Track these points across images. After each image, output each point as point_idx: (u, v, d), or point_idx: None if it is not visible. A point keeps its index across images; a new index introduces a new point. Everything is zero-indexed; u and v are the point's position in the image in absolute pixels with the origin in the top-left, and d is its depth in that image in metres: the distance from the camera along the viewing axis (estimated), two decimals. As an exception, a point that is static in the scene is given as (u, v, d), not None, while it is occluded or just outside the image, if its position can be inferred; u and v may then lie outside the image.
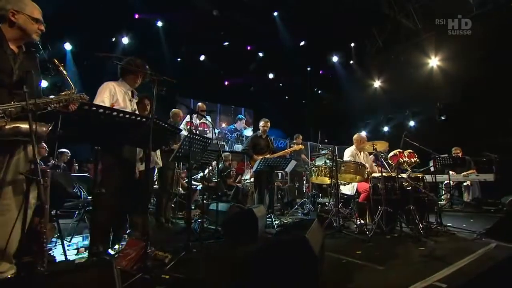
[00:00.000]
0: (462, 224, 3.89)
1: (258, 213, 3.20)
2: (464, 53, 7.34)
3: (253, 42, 8.80)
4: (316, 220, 2.04)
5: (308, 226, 1.72)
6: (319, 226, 2.08)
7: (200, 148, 3.04)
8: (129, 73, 2.63)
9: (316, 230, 1.83)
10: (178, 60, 8.44)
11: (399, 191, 3.32)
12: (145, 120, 1.87)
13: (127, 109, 2.54)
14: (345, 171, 3.37)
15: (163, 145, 2.75)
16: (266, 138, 4.66)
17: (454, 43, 7.50)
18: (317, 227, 1.91)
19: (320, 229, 2.08)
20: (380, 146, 3.44)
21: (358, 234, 3.16)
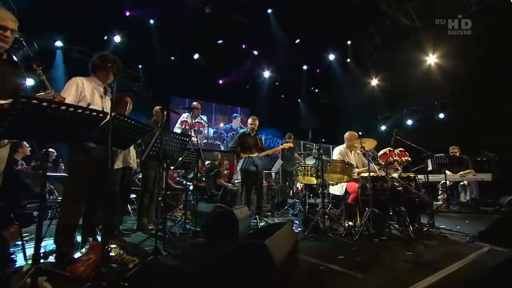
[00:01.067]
0: (457, 226, 3.70)
1: (239, 215, 3.04)
2: (463, 50, 7.14)
3: (247, 40, 8.63)
4: (289, 224, 1.88)
5: (274, 231, 1.55)
6: (290, 231, 1.92)
7: (177, 147, 2.89)
8: (100, 68, 2.49)
9: (284, 235, 1.66)
10: (172, 58, 8.29)
11: (389, 191, 3.14)
12: (101, 116, 1.71)
13: (95, 105, 2.39)
14: (331, 170, 3.20)
15: (132, 143, 2.60)
16: (255, 136, 4.50)
17: (453, 40, 7.29)
18: (286, 232, 1.75)
19: (291, 233, 1.91)
20: (368, 144, 3.26)
21: (345, 237, 2.98)
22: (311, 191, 4.97)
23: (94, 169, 2.31)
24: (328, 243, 2.86)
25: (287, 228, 1.81)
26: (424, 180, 4.53)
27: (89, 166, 2.31)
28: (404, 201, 3.24)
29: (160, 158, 2.74)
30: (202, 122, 9.92)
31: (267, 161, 3.69)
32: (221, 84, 9.89)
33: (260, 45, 8.82)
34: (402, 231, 3.11)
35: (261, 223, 3.81)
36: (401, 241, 2.83)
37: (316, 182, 3.51)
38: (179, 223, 3.62)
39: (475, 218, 4.45)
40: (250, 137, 4.42)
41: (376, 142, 3.34)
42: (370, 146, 3.36)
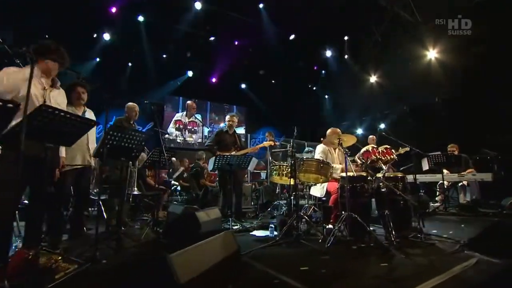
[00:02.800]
0: (450, 231, 3.34)
1: (204, 217, 2.78)
2: (464, 44, 6.69)
3: (240, 36, 8.35)
4: (225, 232, 1.60)
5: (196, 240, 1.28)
6: (224, 240, 1.63)
7: (135, 144, 2.65)
8: (41, 57, 2.25)
9: (212, 246, 1.38)
10: (163, 56, 8.08)
11: (370, 193, 2.81)
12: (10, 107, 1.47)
13: (34, 97, 2.16)
14: (305, 170, 2.89)
15: (76, 139, 2.36)
16: (234, 134, 4.23)
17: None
18: (216, 242, 1.47)
19: (226, 243, 1.61)
20: (347, 140, 2.94)
21: (321, 243, 2.68)
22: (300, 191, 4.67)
23: (27, 168, 2.07)
24: (298, 250, 2.56)
25: (222, 237, 1.53)
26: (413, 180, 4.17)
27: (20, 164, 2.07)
28: (389, 204, 2.92)
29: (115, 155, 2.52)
30: (197, 121, 9.74)
31: (242, 160, 3.41)
32: (216, 82, 9.65)
33: (253, 41, 8.52)
34: (386, 237, 2.79)
35: (236, 226, 3.54)
36: (381, 249, 2.51)
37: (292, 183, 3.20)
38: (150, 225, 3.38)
39: (473, 222, 4.07)
40: (228, 134, 4.16)
41: (356, 138, 3.01)
42: (349, 143, 3.03)
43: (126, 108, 3.69)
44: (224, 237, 1.60)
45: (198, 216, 2.68)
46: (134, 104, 3.67)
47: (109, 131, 2.36)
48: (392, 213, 2.95)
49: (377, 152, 2.99)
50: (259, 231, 3.44)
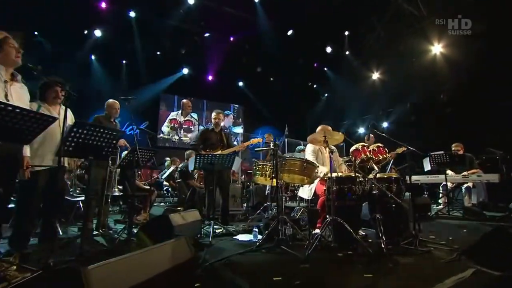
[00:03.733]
0: (450, 236, 3.11)
1: (178, 220, 2.62)
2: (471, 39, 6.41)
3: (236, 32, 8.20)
4: (177, 239, 1.42)
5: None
6: (175, 248, 1.45)
7: (105, 142, 2.50)
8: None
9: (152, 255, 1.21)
10: (158, 53, 7.97)
11: (357, 195, 2.61)
12: None
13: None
14: (288, 170, 2.70)
15: (34, 137, 2.22)
16: (220, 132, 4.06)
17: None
18: (161, 250, 1.30)
19: (177, 251, 1.43)
20: (334, 137, 2.73)
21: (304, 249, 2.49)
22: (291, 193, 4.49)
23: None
24: (277, 257, 2.38)
25: (170, 245, 1.36)
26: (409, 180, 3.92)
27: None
28: (380, 207, 2.71)
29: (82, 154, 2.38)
30: (193, 120, 9.61)
31: (224, 159, 3.24)
32: (212, 80, 9.51)
33: (250, 37, 8.35)
34: (377, 243, 2.59)
35: (219, 230, 3.37)
36: (368, 257, 2.30)
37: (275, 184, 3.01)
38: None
39: (477, 226, 3.82)
40: (213, 133, 3.99)
41: (343, 136, 2.81)
42: (336, 141, 2.83)
43: (106, 105, 3.55)
44: (174, 244, 1.43)
45: (172, 219, 2.52)
46: (115, 101, 3.53)
47: (72, 128, 2.21)
48: (385, 217, 2.75)
49: (367, 150, 2.78)
50: (244, 235, 3.27)
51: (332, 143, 2.83)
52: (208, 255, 2.47)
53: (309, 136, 2.71)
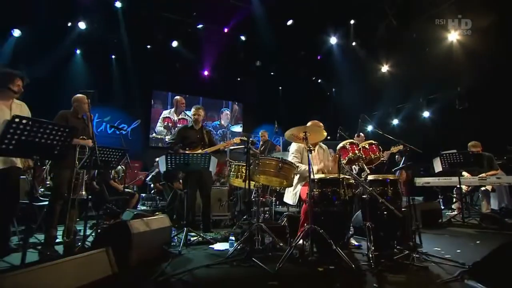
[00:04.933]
0: (459, 248, 2.82)
1: (140, 228, 2.45)
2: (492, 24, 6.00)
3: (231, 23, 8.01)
4: (95, 252, 1.23)
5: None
6: (89, 262, 1.26)
7: (57, 139, 2.35)
8: None
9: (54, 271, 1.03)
10: (148, 47, 7.88)
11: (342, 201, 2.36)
12: None
13: None
14: (262, 171, 2.48)
15: None
16: (201, 130, 3.89)
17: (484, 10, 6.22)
18: (69, 265, 1.11)
19: (92, 267, 1.24)
20: (315, 134, 2.48)
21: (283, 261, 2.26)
22: (278, 197, 4.26)
23: None
24: (246, 271, 2.17)
25: (84, 258, 1.17)
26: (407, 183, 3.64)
27: None
28: (372, 214, 2.46)
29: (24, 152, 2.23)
30: (187, 118, 9.49)
31: (199, 159, 3.05)
32: (208, 75, 9.36)
33: (247, 28, 8.14)
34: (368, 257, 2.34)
35: (194, 238, 3.18)
36: (351, 274, 2.06)
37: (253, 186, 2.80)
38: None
39: (494, 237, 3.50)
40: (193, 130, 3.83)
41: (325, 134, 2.56)
42: (317, 138, 2.59)
43: (73, 100, 3.39)
44: (91, 257, 1.24)
45: (131, 226, 2.34)
46: (84, 95, 3.37)
47: (10, 124, 2.07)
48: (379, 226, 2.50)
49: (357, 148, 2.52)
50: (221, 243, 3.08)
51: (314, 141, 2.58)
52: (170, 267, 2.29)
53: (286, 132, 2.47)
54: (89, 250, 1.36)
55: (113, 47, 7.29)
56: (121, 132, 3.86)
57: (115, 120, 7.92)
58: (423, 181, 4.84)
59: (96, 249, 1.35)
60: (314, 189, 2.42)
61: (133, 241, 2.31)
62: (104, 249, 1.43)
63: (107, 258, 1.38)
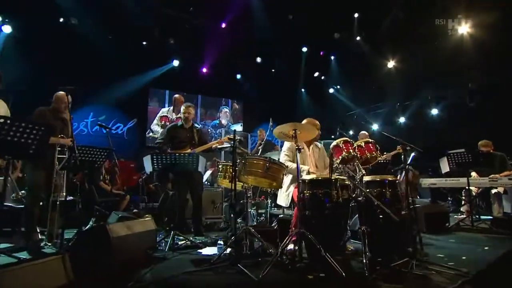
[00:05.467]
0: (464, 255, 2.69)
1: (120, 231, 2.38)
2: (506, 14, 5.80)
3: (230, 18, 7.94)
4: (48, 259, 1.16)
5: None
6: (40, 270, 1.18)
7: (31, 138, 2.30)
8: None
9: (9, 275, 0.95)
10: (143, 44, 7.85)
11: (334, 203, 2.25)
12: None
13: None
14: (249, 171, 2.38)
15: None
16: (191, 129, 3.82)
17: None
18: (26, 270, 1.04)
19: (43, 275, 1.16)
20: (306, 132, 2.38)
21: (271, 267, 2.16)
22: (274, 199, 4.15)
23: None
24: (228, 278, 2.09)
25: (37, 266, 1.10)
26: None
27: None
28: (367, 218, 2.35)
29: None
30: (185, 117, 9.48)
31: (187, 158, 2.97)
32: (207, 73, 9.30)
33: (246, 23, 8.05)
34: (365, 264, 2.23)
35: (182, 242, 3.11)
36: (342, 282, 1.95)
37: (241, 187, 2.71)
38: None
39: (504, 243, 3.34)
40: (182, 129, 3.76)
41: (317, 132, 2.46)
42: (308, 136, 2.48)
43: (54, 98, 3.33)
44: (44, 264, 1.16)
45: (110, 230, 2.27)
46: (64, 93, 3.32)
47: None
48: (376, 231, 2.39)
49: (351, 147, 2.41)
50: (211, 248, 3.00)
51: (305, 139, 2.48)
52: (151, 273, 2.22)
53: (275, 129, 2.38)
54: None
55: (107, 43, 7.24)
56: (107, 130, 3.78)
57: (110, 119, 7.91)
58: (428, 182, 4.69)
59: (52, 256, 1.28)
60: (305, 191, 2.31)
61: (112, 245, 2.24)
62: (61, 255, 1.36)
63: (63, 266, 1.30)
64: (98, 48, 6.94)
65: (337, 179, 2.36)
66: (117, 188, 4.93)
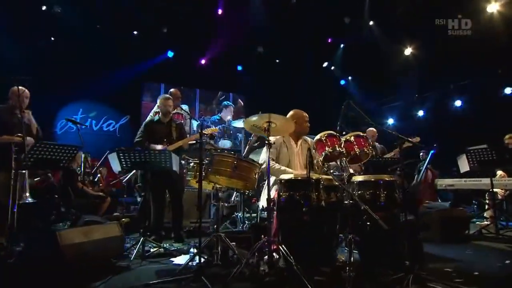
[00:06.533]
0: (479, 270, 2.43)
1: (74, 238, 2.29)
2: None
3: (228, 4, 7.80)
4: None
5: None
6: None
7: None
8: None
9: None
10: (134, 33, 7.82)
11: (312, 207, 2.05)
12: None
13: None
14: (217, 170, 2.21)
15: None
16: (170, 124, 3.70)
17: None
18: None
19: None
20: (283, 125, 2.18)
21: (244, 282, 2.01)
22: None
23: None
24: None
25: None
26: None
27: None
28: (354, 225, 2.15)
29: None
30: (183, 113, 9.37)
31: (157, 156, 2.85)
32: (205, 65, 9.20)
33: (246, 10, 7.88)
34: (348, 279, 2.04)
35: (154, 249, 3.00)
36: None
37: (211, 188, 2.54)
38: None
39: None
40: (160, 124, 3.65)
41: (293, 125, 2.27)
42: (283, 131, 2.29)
43: (10, 93, 3.25)
44: None
45: (60, 237, 2.17)
46: (23, 88, 3.23)
47: None
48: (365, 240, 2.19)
49: (337, 142, 2.20)
50: (185, 256, 2.87)
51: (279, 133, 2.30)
52: (105, 286, 2.11)
53: (246, 121, 2.20)
54: None
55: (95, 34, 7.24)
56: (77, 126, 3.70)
57: (102, 116, 7.95)
58: (445, 183, 4.39)
59: None
60: (281, 193, 2.13)
61: (63, 254, 2.14)
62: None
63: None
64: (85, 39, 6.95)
65: (319, 179, 2.16)
66: (101, 190, 4.90)
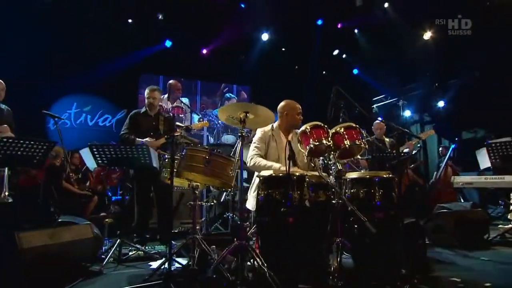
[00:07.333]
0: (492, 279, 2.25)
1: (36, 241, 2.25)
2: None
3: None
4: None
5: None
6: None
7: None
8: None
9: None
10: (129, 22, 7.79)
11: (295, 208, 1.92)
12: None
13: None
14: (190, 166, 2.10)
15: None
16: (157, 116, 3.65)
17: None
18: None
19: None
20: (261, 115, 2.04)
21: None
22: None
23: None
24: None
25: None
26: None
27: None
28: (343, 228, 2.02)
29: None
30: (183, 106, 9.33)
31: (134, 152, 2.77)
32: (206, 55, 9.10)
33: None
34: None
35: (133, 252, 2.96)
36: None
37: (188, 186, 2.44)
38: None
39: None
40: (146, 117, 3.61)
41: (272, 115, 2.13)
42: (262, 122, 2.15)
43: None
44: None
45: (20, 239, 2.13)
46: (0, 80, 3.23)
47: None
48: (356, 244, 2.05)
49: (324, 134, 2.05)
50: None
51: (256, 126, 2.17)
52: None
53: (220, 111, 2.08)
54: None
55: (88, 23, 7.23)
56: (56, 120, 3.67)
57: (97, 110, 8.00)
58: (462, 181, 4.14)
59: None
60: (259, 191, 2.02)
61: (23, 258, 2.10)
62: None
63: None
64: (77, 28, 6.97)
65: (303, 176, 2.03)
66: (89, 188, 4.92)
